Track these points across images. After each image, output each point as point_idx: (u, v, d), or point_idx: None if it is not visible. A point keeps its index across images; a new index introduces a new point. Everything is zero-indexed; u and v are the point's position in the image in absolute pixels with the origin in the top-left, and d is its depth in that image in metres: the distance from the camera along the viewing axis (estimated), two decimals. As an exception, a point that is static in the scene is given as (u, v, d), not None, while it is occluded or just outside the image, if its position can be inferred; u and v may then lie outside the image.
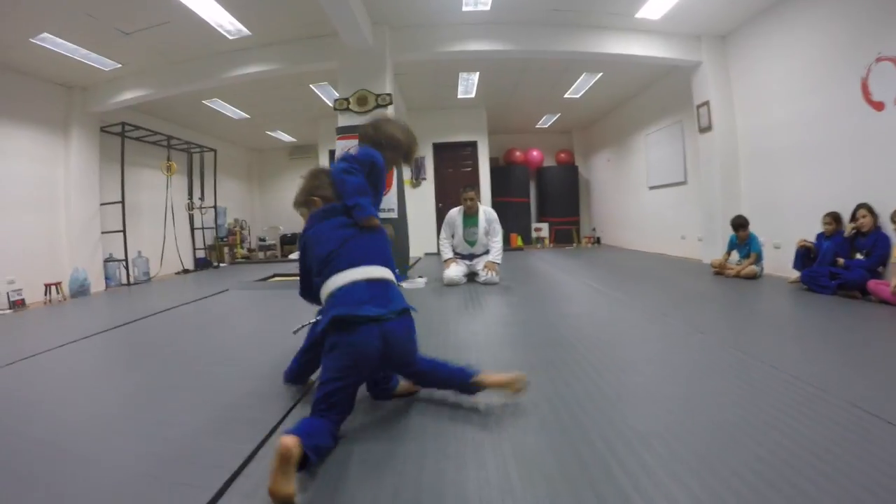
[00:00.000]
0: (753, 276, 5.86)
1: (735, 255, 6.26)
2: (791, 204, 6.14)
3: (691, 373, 2.67)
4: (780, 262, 6.11)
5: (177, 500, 1.68)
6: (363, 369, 2.08)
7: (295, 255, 12.00)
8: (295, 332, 2.83)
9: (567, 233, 13.11)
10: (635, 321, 4.02)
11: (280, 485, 1.59)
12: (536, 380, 2.61)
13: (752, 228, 6.12)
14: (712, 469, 1.69)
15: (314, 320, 2.47)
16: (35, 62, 6.70)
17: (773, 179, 6.46)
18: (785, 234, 6.14)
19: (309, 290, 2.39)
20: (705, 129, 7.34)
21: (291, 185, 9.74)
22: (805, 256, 5.23)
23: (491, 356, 3.17)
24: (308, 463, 1.75)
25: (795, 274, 5.34)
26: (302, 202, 2.51)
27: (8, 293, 6.56)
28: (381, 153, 2.58)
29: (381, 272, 2.22)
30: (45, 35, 5.99)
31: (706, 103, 7.26)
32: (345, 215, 2.32)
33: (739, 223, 6.09)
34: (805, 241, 5.24)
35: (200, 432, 2.20)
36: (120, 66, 7.19)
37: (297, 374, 2.64)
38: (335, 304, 2.10)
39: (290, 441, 1.66)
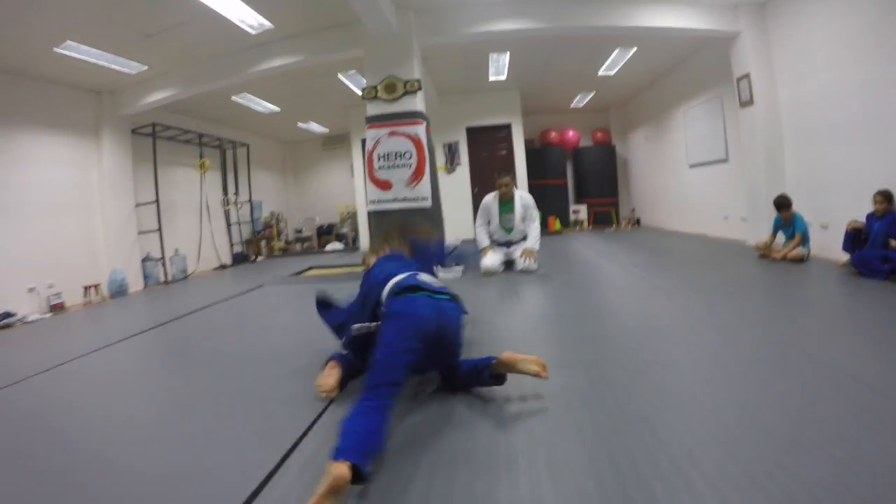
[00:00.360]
0: (800, 259, 5.52)
1: (781, 237, 5.95)
2: (839, 181, 5.77)
3: (743, 373, 2.47)
4: (827, 244, 5.76)
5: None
6: (422, 338, 2.16)
7: (331, 246, 12.09)
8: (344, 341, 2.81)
9: (606, 214, 12.77)
10: (681, 312, 3.81)
11: None
12: (576, 381, 2.48)
13: (798, 208, 5.77)
14: (765, 490, 1.52)
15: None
16: (62, 70, 6.73)
17: (818, 155, 6.09)
18: (832, 214, 5.78)
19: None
20: (746, 103, 6.97)
21: (326, 176, 9.90)
22: (855, 238, 4.83)
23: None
24: (363, 477, 1.68)
25: (844, 256, 4.98)
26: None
27: (48, 297, 6.66)
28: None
29: (430, 279, 2.54)
30: (69, 42, 5.98)
31: (746, 76, 6.88)
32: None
33: (782, 202, 5.75)
34: (855, 221, 4.85)
35: (235, 437, 2.22)
36: (145, 68, 7.17)
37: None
38: (396, 285, 2.40)
39: (341, 471, 1.58)
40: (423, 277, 2.48)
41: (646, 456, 1.76)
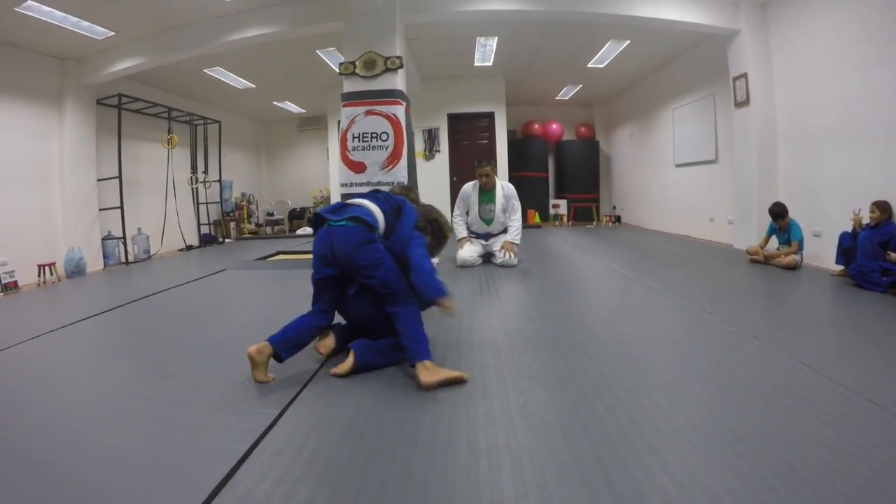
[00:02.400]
0: (793, 267, 5.30)
1: (774, 242, 5.72)
2: (832, 189, 5.56)
3: (752, 396, 2.16)
4: (818, 252, 5.57)
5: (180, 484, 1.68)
6: (321, 263, 2.66)
7: (302, 231, 11.74)
8: None
9: (587, 210, 12.56)
10: (674, 319, 3.54)
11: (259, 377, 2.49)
12: (565, 401, 2.16)
13: (790, 213, 5.53)
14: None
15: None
16: (24, 33, 6.24)
17: (813, 161, 5.87)
18: (825, 222, 5.59)
19: None
20: (742, 103, 6.73)
21: (301, 158, 9.52)
22: (847, 251, 4.66)
23: (512, 361, 2.71)
24: (279, 356, 2.53)
25: (838, 266, 4.82)
26: None
27: (0, 275, 6.18)
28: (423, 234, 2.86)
29: (361, 204, 2.78)
30: (31, 3, 5.50)
31: (744, 75, 6.63)
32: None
33: (778, 212, 5.51)
34: (858, 217, 4.65)
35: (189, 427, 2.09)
36: (113, 33, 6.70)
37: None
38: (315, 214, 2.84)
39: (263, 345, 2.49)
40: (349, 205, 2.78)
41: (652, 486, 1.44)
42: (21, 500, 1.61)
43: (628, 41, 8.25)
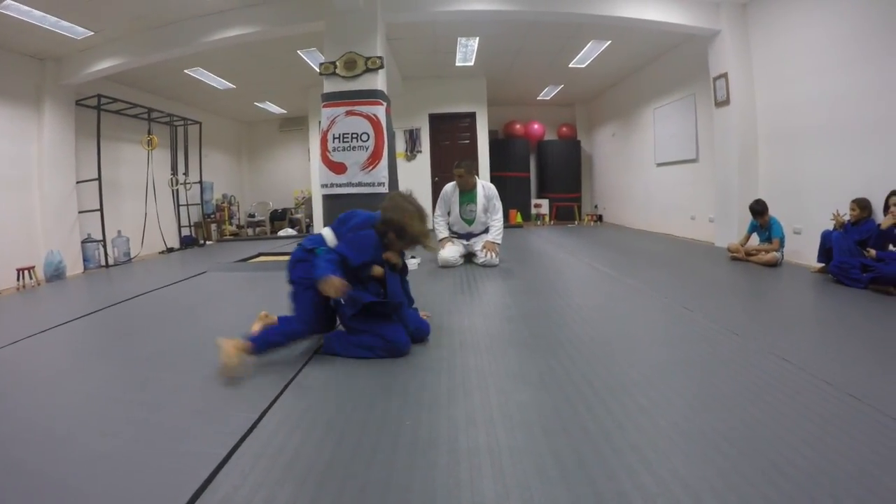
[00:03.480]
0: (774, 264, 5.35)
1: (755, 239, 5.77)
2: (812, 187, 5.64)
3: (736, 395, 2.16)
4: (799, 249, 5.64)
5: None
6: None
7: (283, 232, 11.68)
8: None
9: (568, 210, 12.58)
10: (656, 317, 3.55)
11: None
12: (546, 400, 2.16)
13: (771, 211, 5.59)
14: None
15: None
16: (2, 32, 6.14)
17: (794, 160, 5.95)
18: (805, 219, 5.66)
19: None
20: (722, 102, 6.78)
21: (282, 159, 9.46)
22: (828, 249, 4.71)
23: (493, 361, 2.70)
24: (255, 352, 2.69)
25: (818, 263, 4.88)
26: None
27: (-23, 280, 6.07)
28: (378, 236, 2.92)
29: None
30: (9, 2, 5.40)
31: (724, 75, 6.68)
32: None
33: (758, 209, 5.56)
34: (839, 216, 4.69)
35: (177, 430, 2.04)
36: (92, 33, 6.59)
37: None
38: None
39: (242, 343, 2.65)
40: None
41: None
42: (-2, 505, 1.58)
43: (609, 41, 8.28)
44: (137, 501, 1.57)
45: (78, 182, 7.74)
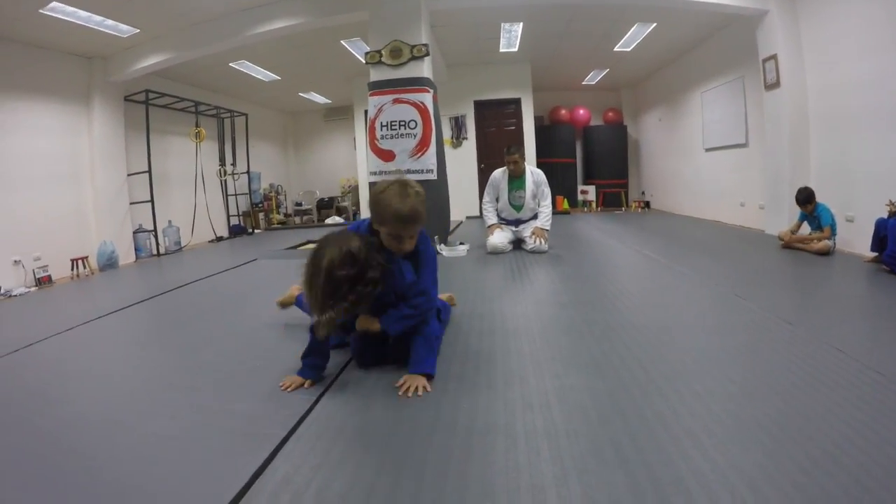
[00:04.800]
0: (826, 252, 5.13)
1: (806, 228, 5.58)
2: (866, 173, 5.38)
3: (789, 383, 2.11)
4: (851, 238, 5.41)
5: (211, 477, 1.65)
6: None
7: (331, 220, 11.82)
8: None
9: (615, 196, 12.41)
10: (707, 304, 3.49)
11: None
12: (601, 385, 2.15)
13: (822, 198, 5.36)
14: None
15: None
16: (49, 34, 6.35)
17: (846, 145, 5.69)
18: (858, 207, 5.42)
19: None
20: (772, 85, 6.56)
21: (328, 148, 9.65)
22: (882, 238, 4.45)
23: (547, 346, 2.71)
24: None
25: (872, 252, 4.62)
26: None
27: (34, 270, 6.36)
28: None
29: None
30: (55, 4, 5.58)
31: (773, 57, 6.45)
32: None
33: (804, 198, 5.35)
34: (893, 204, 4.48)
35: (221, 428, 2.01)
36: (138, 31, 6.78)
37: None
38: None
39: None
40: None
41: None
42: (62, 488, 1.64)
43: (655, 24, 8.10)
44: (197, 482, 1.61)
45: (129, 174, 8.02)
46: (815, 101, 6.18)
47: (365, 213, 11.06)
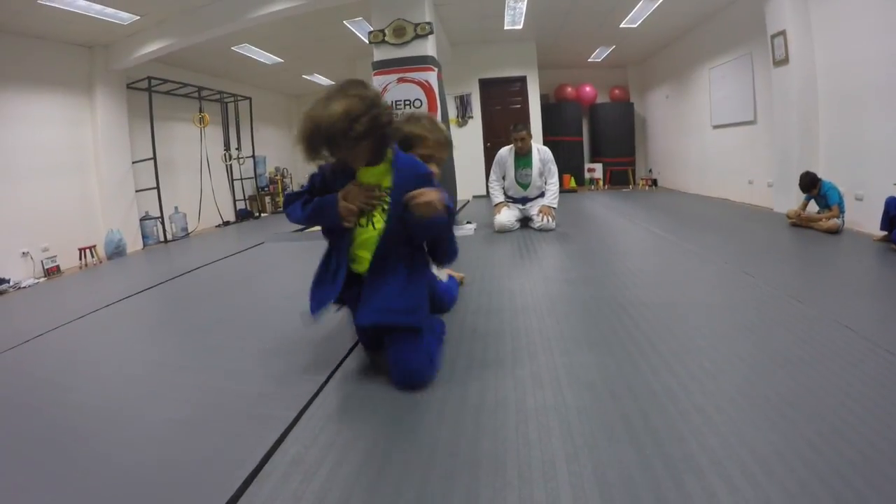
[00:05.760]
0: (835, 231, 5.07)
1: (813, 206, 5.52)
2: (876, 152, 5.28)
3: (798, 360, 2.10)
4: (859, 217, 5.32)
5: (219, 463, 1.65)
6: None
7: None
8: None
9: (622, 174, 12.33)
10: (716, 281, 3.47)
11: None
12: (610, 362, 2.15)
13: (831, 176, 5.31)
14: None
15: None
16: (49, 24, 6.31)
17: (857, 123, 5.58)
18: (868, 185, 5.34)
19: None
20: (781, 61, 6.46)
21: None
22: (888, 213, 4.40)
23: (555, 323, 2.71)
24: None
25: (881, 231, 4.54)
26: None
27: (42, 261, 6.41)
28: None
29: None
30: (51, -8, 5.56)
31: (782, 33, 6.33)
32: None
33: (806, 184, 5.30)
34: None
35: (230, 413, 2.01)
36: (138, 17, 6.72)
37: None
38: None
39: None
40: None
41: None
42: (75, 474, 1.65)
43: (662, -1, 8.00)
44: (210, 464, 1.63)
45: (134, 162, 8.02)
46: (825, 78, 6.07)
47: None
